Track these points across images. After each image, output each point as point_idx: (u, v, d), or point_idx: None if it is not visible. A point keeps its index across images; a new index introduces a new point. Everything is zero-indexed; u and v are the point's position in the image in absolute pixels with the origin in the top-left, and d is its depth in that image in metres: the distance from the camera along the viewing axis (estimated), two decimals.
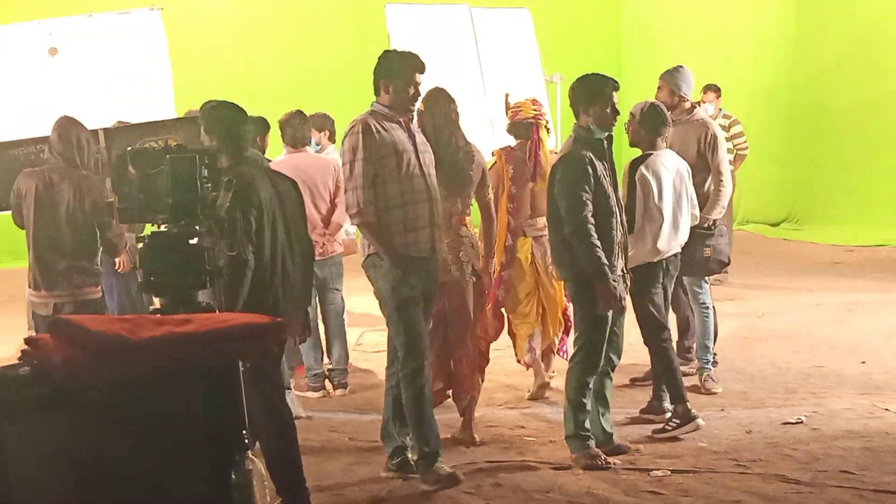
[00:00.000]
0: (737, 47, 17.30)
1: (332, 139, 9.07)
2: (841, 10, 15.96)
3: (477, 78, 10.61)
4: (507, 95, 7.97)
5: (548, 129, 7.76)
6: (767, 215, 16.88)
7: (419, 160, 5.85)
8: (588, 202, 6.01)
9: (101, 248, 6.69)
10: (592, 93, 6.16)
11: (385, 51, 6.13)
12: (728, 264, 7.86)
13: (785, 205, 16.79)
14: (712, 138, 7.62)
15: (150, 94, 10.43)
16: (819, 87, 16.13)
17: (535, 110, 7.65)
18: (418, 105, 6.26)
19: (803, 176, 16.50)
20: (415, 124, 6.05)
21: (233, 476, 3.49)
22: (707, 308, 7.71)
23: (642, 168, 6.83)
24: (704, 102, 12.11)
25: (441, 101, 6.62)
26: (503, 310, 7.57)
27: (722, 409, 7.22)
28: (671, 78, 7.81)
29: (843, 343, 9.04)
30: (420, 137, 5.99)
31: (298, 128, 8.09)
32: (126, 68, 10.58)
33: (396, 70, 5.88)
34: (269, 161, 8.17)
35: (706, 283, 7.76)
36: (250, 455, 3.61)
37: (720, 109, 12.30)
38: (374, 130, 5.76)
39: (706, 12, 18.08)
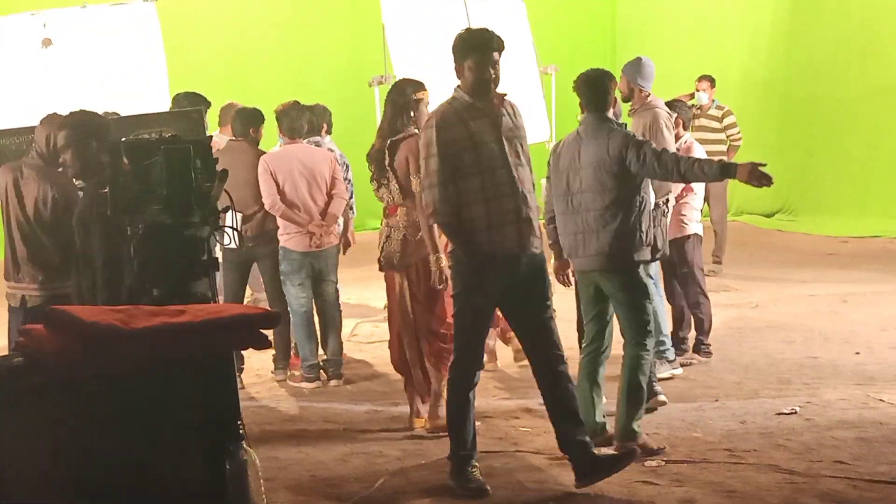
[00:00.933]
0: (731, 39, 17.29)
1: (329, 131, 9.07)
2: (836, 1, 15.96)
3: None
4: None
5: None
6: (761, 206, 16.88)
7: (503, 150, 5.50)
8: None
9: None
10: (610, 90, 6.33)
11: (460, 31, 5.69)
12: (659, 251, 7.79)
13: (779, 196, 16.77)
14: (654, 123, 7.62)
15: (145, 86, 10.39)
16: (813, 78, 16.12)
17: None
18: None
19: (797, 167, 16.49)
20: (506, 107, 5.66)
21: (227, 466, 3.50)
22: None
23: None
24: (699, 91, 12.17)
25: (394, 92, 6.69)
26: None
27: (716, 400, 7.23)
28: (628, 69, 7.89)
29: (837, 334, 9.05)
30: (509, 122, 5.59)
31: (296, 119, 8.11)
32: (120, 60, 10.54)
33: (466, 50, 5.53)
34: (265, 152, 8.21)
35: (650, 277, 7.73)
36: (245, 445, 3.62)
37: (713, 100, 12.32)
38: (450, 123, 5.46)
39: (701, 4, 18.07)
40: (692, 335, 8.30)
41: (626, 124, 6.57)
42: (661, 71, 8.30)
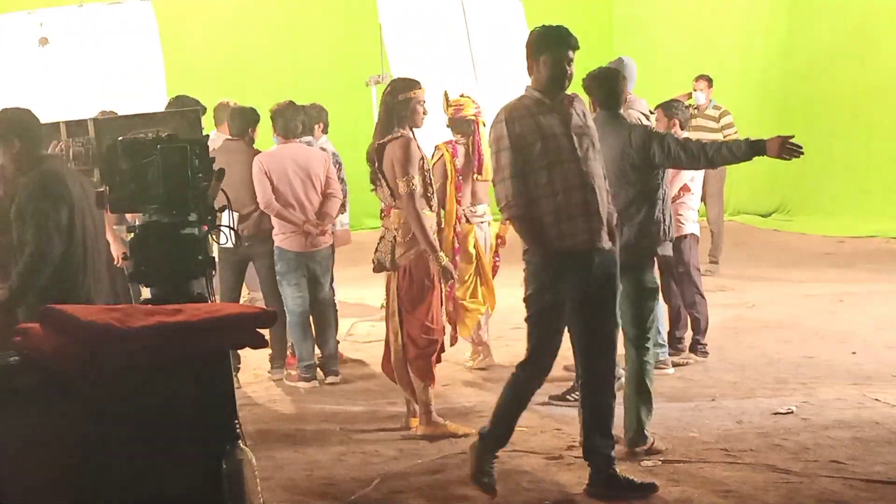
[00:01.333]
0: (728, 39, 17.29)
1: (325, 130, 9.07)
2: (833, 2, 15.97)
3: (469, 69, 10.60)
4: (445, 93, 8.12)
5: (483, 124, 8.09)
6: (758, 206, 16.89)
7: (572, 144, 5.43)
8: None
9: None
10: (622, 88, 6.42)
11: (535, 27, 5.66)
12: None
13: (776, 195, 16.79)
14: None
15: (142, 85, 10.41)
16: (810, 78, 16.13)
17: (475, 107, 8.05)
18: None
19: (794, 167, 16.33)
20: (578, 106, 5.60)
21: (224, 465, 3.50)
22: None
23: None
24: (696, 91, 12.18)
25: (386, 92, 6.71)
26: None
27: (713, 399, 7.23)
28: None
29: (834, 333, 9.05)
30: (578, 120, 5.53)
31: (291, 118, 8.10)
32: (117, 59, 10.57)
33: (542, 46, 5.48)
34: (260, 152, 8.20)
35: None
36: (241, 444, 3.61)
37: (710, 100, 12.32)
38: (519, 116, 5.42)
39: (697, 3, 18.07)
40: (689, 335, 8.31)
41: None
42: (658, 71, 8.35)
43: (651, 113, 8.08)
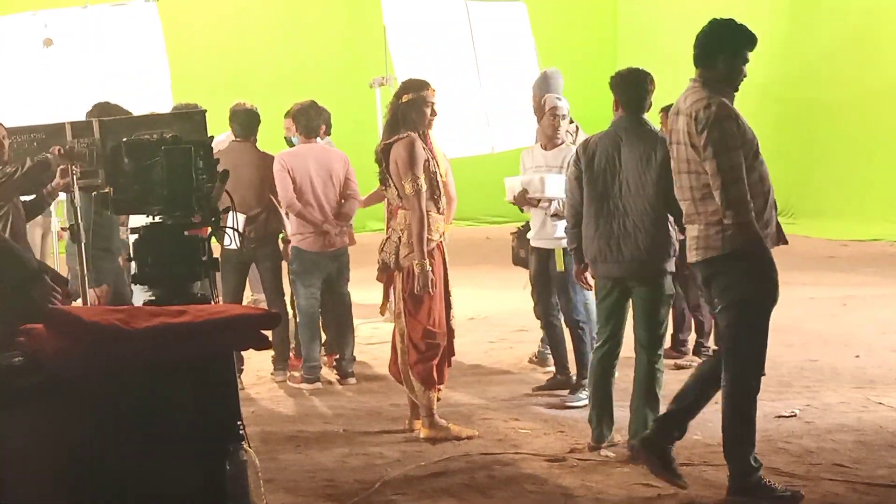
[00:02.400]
0: None
1: (327, 132, 9.08)
2: (834, 4, 15.97)
3: (473, 72, 10.61)
4: None
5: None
6: None
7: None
8: None
9: None
10: (649, 91, 6.37)
11: (720, 19, 5.58)
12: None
13: (778, 199, 16.52)
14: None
15: (146, 87, 10.43)
16: (812, 81, 16.14)
17: None
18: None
19: (797, 170, 16.51)
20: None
21: (227, 466, 3.50)
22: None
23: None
24: None
25: (395, 93, 6.74)
26: None
27: (716, 402, 7.20)
28: (535, 85, 8.04)
29: (837, 337, 9.05)
30: None
31: (314, 118, 8.14)
32: (122, 60, 10.60)
33: (744, 42, 5.48)
34: (266, 153, 8.20)
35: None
36: (245, 446, 3.62)
37: None
38: (735, 114, 5.24)
39: (701, 6, 18.05)
40: (692, 338, 8.30)
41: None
42: (661, 72, 8.28)
43: (576, 126, 8.05)
